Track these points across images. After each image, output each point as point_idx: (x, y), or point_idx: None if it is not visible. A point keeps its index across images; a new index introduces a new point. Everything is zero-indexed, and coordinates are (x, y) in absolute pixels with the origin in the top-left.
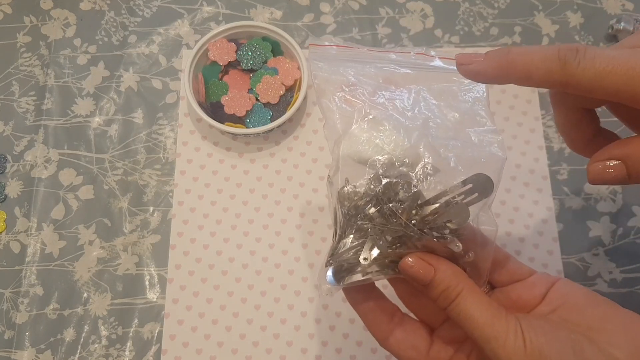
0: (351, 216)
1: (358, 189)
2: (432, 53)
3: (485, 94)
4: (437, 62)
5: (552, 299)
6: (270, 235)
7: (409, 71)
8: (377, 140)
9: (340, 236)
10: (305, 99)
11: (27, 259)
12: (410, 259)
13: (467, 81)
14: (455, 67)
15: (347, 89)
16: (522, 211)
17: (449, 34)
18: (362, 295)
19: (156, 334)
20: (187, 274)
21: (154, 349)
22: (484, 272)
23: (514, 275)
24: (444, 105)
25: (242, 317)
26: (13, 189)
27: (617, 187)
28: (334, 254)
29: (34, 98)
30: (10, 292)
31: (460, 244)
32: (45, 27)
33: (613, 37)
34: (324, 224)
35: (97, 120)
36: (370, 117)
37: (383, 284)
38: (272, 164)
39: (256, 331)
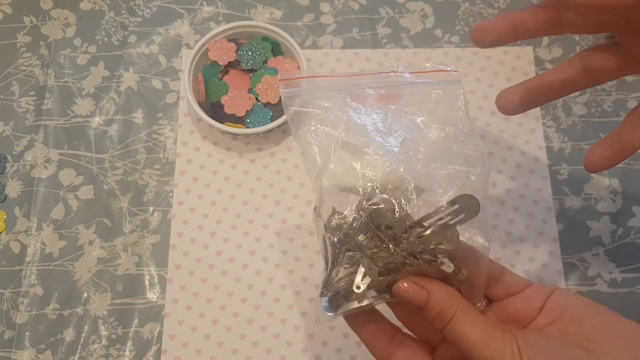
0: (342, 244)
1: (346, 218)
2: (401, 69)
3: (463, 103)
4: (409, 78)
5: (550, 310)
6: (270, 235)
7: (383, 91)
8: (358, 168)
9: (332, 266)
10: None
11: (27, 259)
12: (403, 284)
13: (440, 92)
14: (428, 80)
15: (322, 119)
16: (522, 211)
17: (449, 34)
18: (361, 319)
19: (156, 334)
20: (187, 274)
21: (154, 349)
22: (479, 288)
23: (510, 288)
24: (422, 121)
25: (242, 317)
26: (13, 189)
27: (617, 187)
28: (327, 285)
29: (34, 98)
30: (10, 292)
31: (452, 264)
32: (45, 27)
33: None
34: None
35: (97, 120)
36: (349, 145)
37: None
38: (272, 164)
39: (256, 331)
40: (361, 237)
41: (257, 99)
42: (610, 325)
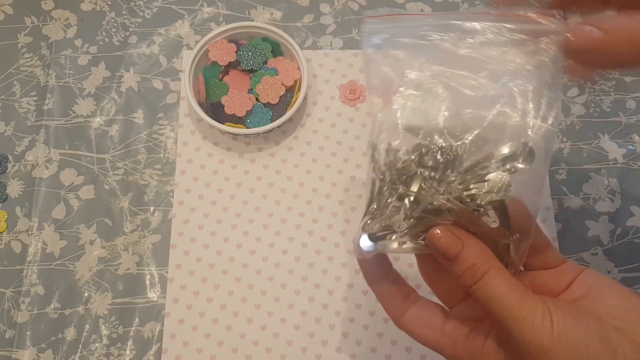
0: (388, 183)
1: (398, 155)
2: (495, 11)
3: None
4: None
5: (575, 289)
6: (270, 235)
7: (471, 39)
8: (422, 108)
9: (377, 202)
10: (305, 99)
11: (28, 259)
12: (438, 231)
13: (533, 46)
14: (524, 28)
15: (398, 57)
16: None
17: None
18: (379, 275)
19: (157, 333)
20: (188, 274)
21: (154, 348)
22: (520, 254)
23: (548, 263)
24: (503, 72)
25: (242, 317)
26: (14, 188)
27: (616, 187)
28: (368, 222)
29: (35, 98)
30: (11, 291)
31: (497, 220)
32: (46, 27)
33: None
34: (324, 223)
35: (97, 120)
36: (418, 84)
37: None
38: (272, 164)
39: (256, 330)
40: (408, 178)
41: (257, 99)
42: (635, 305)
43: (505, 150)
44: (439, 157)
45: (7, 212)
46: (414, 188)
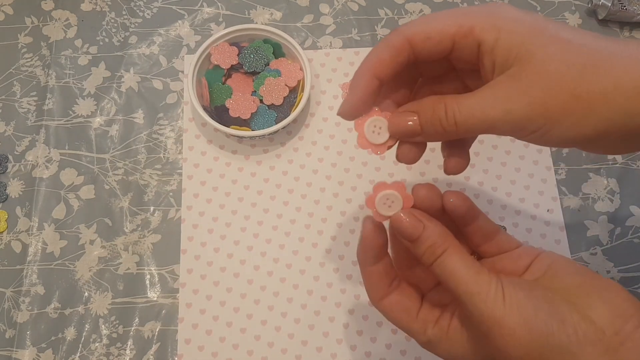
0: None
1: None
2: None
3: None
4: None
5: (535, 270)
6: (280, 236)
7: None
8: None
9: None
10: (309, 99)
11: (28, 259)
12: (402, 214)
13: None
14: None
15: None
16: (524, 214)
17: None
18: (371, 259)
19: (157, 333)
20: (199, 278)
21: (154, 347)
22: None
23: (501, 247)
24: None
25: (256, 319)
26: (14, 188)
27: (615, 187)
28: None
29: (35, 98)
30: (11, 291)
31: None
32: (46, 27)
33: (592, 12)
34: (333, 222)
35: (98, 120)
36: None
37: None
38: (278, 166)
39: (271, 332)
40: None
41: (261, 101)
42: (590, 282)
43: None
44: None
45: (7, 212)
46: None
